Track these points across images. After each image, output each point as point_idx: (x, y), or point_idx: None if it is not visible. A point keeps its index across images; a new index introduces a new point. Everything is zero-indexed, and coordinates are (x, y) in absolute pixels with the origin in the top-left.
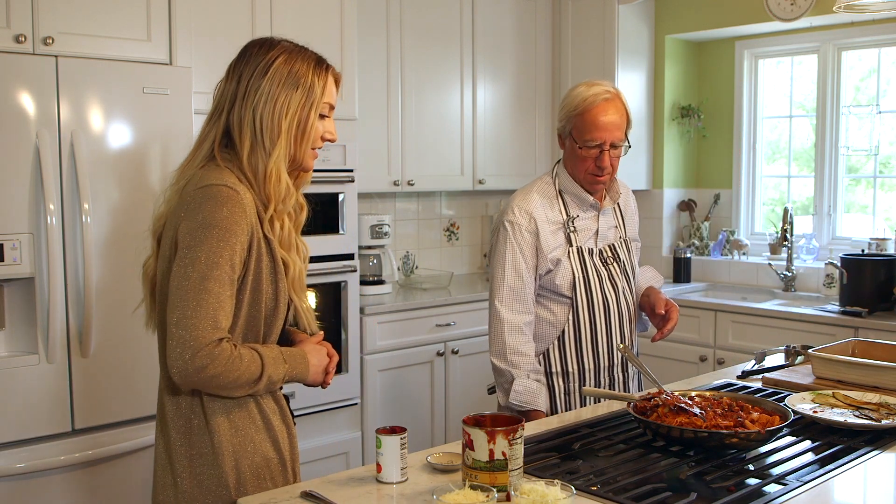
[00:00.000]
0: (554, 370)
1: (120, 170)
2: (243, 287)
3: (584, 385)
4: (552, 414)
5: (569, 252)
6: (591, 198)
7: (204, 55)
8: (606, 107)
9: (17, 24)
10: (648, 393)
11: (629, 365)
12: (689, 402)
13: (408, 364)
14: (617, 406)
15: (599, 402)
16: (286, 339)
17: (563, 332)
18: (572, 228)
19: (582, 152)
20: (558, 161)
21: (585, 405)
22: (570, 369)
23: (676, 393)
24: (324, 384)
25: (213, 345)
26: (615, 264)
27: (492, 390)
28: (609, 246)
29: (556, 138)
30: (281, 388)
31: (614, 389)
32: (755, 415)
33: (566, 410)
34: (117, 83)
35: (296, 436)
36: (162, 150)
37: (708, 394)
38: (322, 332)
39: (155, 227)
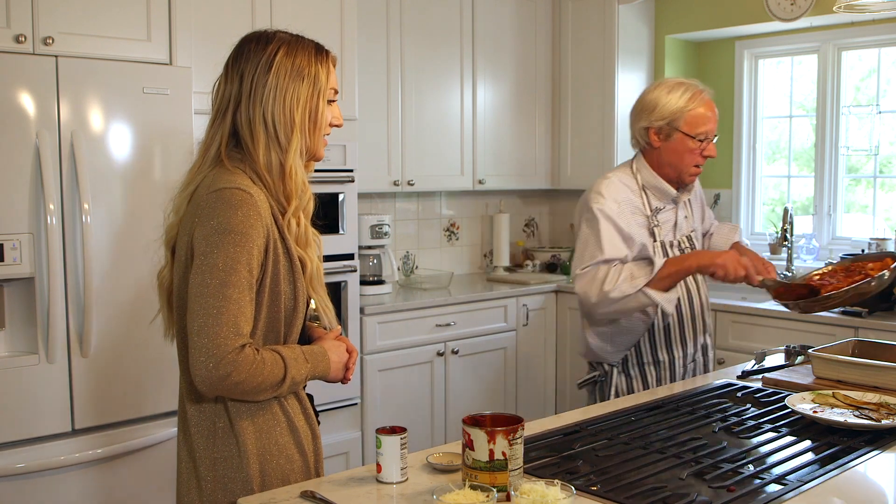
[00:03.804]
0: (646, 360)
1: (120, 170)
2: (262, 289)
3: (673, 375)
4: None
5: (654, 247)
6: (674, 191)
7: (204, 55)
8: (712, 102)
9: (17, 24)
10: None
11: (707, 350)
12: (819, 279)
13: (408, 364)
14: (617, 406)
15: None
16: (304, 336)
17: (654, 324)
18: (656, 223)
19: (693, 144)
20: (635, 157)
21: None
22: (661, 358)
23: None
24: (344, 380)
25: (236, 352)
26: None
27: (582, 385)
28: (686, 237)
29: (555, 138)
30: (304, 386)
31: (696, 373)
32: (870, 265)
33: None
34: (117, 83)
35: (319, 435)
36: (162, 150)
37: (823, 269)
38: (340, 327)
39: (168, 236)
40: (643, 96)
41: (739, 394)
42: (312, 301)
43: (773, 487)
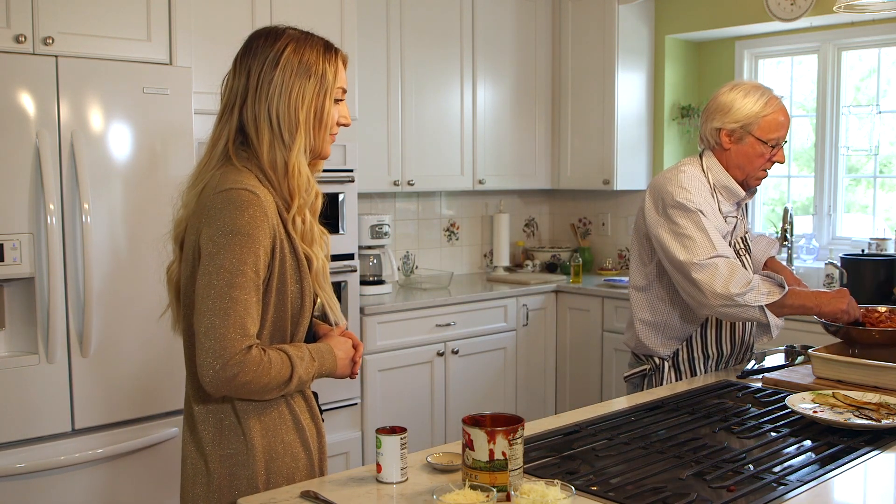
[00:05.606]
0: (696, 355)
1: (120, 170)
2: (268, 290)
3: (719, 367)
4: None
5: None
6: (743, 192)
7: (204, 55)
8: (785, 109)
9: (17, 24)
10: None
11: (751, 349)
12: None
13: (408, 364)
14: (617, 406)
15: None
16: (310, 331)
17: (707, 318)
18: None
19: (763, 149)
20: (702, 154)
21: None
22: (711, 352)
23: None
24: (352, 375)
25: (243, 353)
26: (747, 256)
27: (629, 377)
28: (741, 238)
29: (555, 138)
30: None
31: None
32: None
33: None
34: (117, 83)
35: (324, 434)
36: (162, 150)
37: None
38: (345, 322)
39: (176, 231)
40: (718, 97)
41: (739, 394)
42: (318, 298)
43: (774, 487)
